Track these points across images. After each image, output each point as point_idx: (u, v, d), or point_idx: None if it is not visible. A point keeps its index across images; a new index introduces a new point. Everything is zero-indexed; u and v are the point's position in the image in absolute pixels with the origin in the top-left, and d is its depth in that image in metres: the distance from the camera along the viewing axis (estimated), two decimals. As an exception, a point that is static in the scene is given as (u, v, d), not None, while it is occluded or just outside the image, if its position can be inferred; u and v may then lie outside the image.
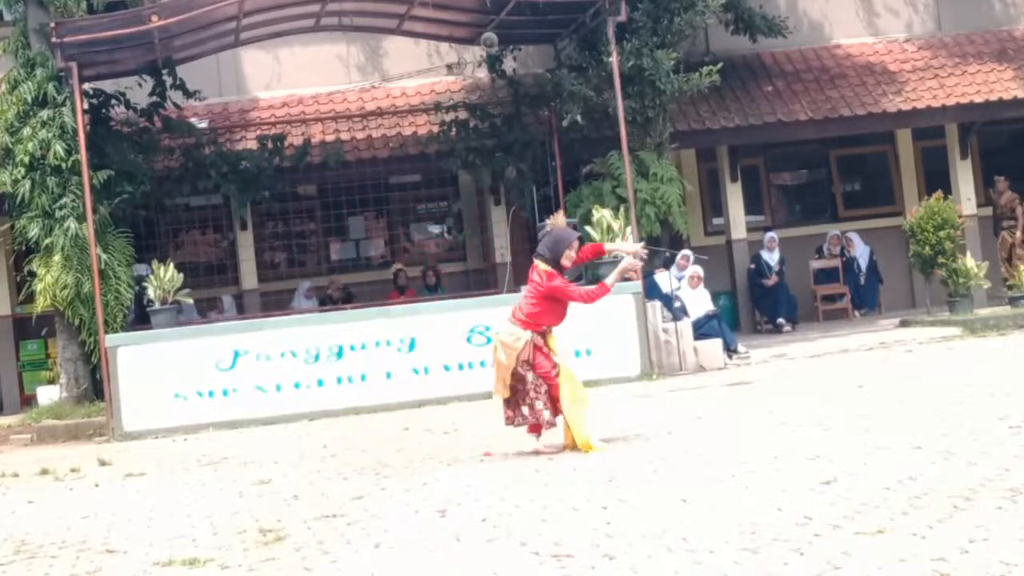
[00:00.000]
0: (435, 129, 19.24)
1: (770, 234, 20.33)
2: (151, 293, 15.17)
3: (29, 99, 16.24)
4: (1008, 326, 16.71)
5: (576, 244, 9.91)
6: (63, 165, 15.97)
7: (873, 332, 17.52)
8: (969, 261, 18.19)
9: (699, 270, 17.58)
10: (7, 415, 17.62)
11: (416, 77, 20.66)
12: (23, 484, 11.25)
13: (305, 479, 9.82)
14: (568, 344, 15.18)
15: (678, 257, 17.59)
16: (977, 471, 7.36)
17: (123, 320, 16.13)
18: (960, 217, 18.78)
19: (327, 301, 19.19)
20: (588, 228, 15.96)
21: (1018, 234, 19.00)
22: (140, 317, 16.45)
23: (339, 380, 15.02)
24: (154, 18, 15.02)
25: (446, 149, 19.03)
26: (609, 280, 9.88)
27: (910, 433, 9.00)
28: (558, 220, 10.48)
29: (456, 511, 7.72)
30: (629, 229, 15.90)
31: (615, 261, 15.75)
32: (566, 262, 9.88)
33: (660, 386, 14.44)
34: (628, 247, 11.18)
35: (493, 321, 15.19)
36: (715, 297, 18.95)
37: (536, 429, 9.93)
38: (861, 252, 20.80)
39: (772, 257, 20.07)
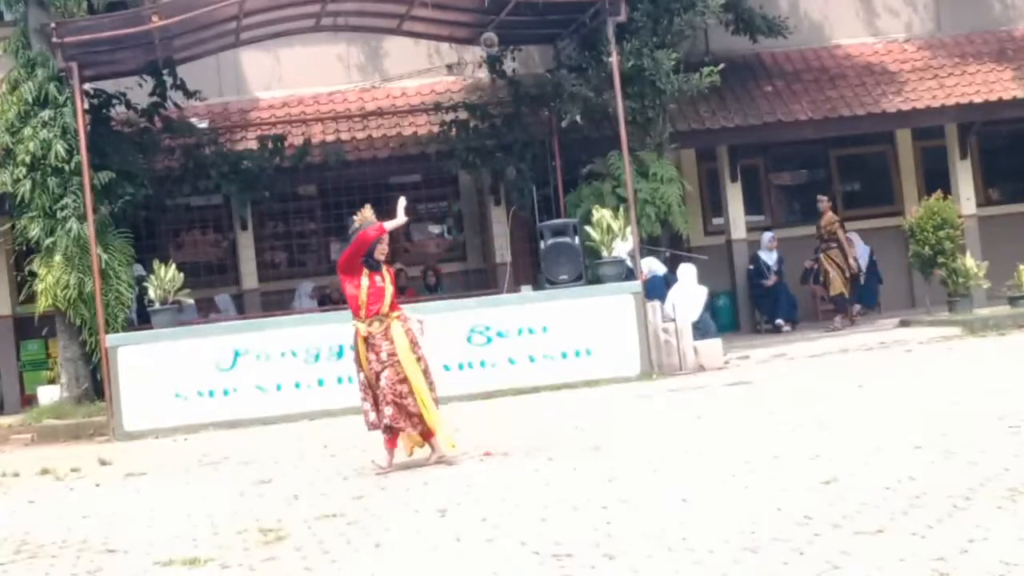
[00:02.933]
0: (435, 129, 19.24)
1: (768, 234, 20.32)
2: (151, 293, 15.18)
3: (30, 99, 16.25)
4: (1008, 326, 16.72)
5: (385, 237, 9.90)
6: (64, 166, 15.98)
7: (873, 332, 17.52)
8: (969, 261, 18.20)
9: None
10: (8, 415, 17.62)
11: (416, 77, 20.66)
12: (24, 484, 11.26)
13: (305, 479, 9.83)
14: (568, 344, 15.36)
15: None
16: (977, 471, 7.37)
17: (124, 320, 16.13)
18: (960, 217, 18.79)
19: (327, 301, 19.19)
20: (588, 228, 15.97)
21: (850, 260, 18.92)
22: (140, 317, 16.46)
23: (339, 380, 14.97)
24: (154, 18, 15.03)
25: (446, 149, 19.03)
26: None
27: (910, 433, 9.01)
28: (365, 214, 10.13)
29: (456, 511, 7.73)
30: (629, 229, 15.91)
31: (615, 261, 15.86)
32: (380, 256, 9.86)
33: (660, 386, 14.44)
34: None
35: (493, 321, 15.27)
36: (715, 297, 18.99)
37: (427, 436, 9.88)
38: (861, 252, 20.78)
39: (771, 257, 20.06)
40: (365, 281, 9.82)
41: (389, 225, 10.03)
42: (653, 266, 17.06)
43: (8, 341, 19.16)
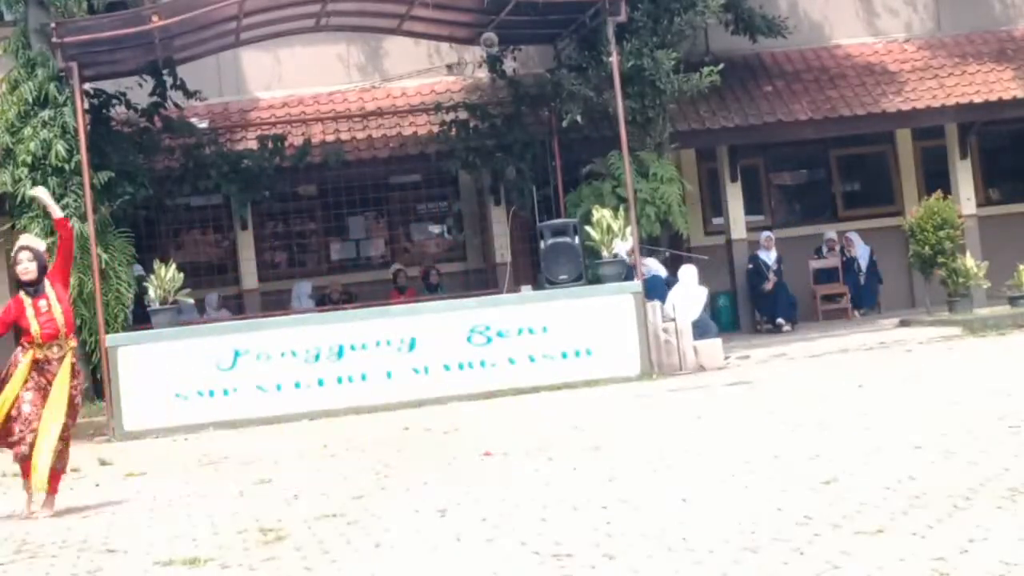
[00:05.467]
0: (435, 129, 19.23)
1: (766, 233, 20.32)
2: (151, 293, 15.18)
3: (30, 99, 16.25)
4: (1008, 326, 16.72)
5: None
6: (64, 165, 15.98)
7: (873, 332, 17.52)
8: (969, 261, 18.20)
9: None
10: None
11: (416, 77, 20.66)
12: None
13: (305, 479, 9.83)
14: (568, 344, 15.36)
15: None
16: (977, 471, 7.36)
17: (123, 320, 16.13)
18: (960, 217, 18.80)
19: (326, 301, 19.19)
20: (588, 228, 15.97)
21: None
22: (140, 317, 16.45)
23: (339, 380, 15.01)
24: (154, 18, 15.03)
25: (446, 149, 19.03)
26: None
27: (910, 433, 9.01)
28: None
29: (456, 511, 7.72)
30: (629, 229, 15.91)
31: (615, 261, 15.85)
32: (23, 276, 9.25)
33: (660, 386, 14.43)
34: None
35: (493, 321, 15.27)
36: (715, 297, 18.98)
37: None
38: (861, 252, 20.79)
39: (769, 256, 20.06)
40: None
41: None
42: (653, 267, 17.08)
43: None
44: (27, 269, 9.22)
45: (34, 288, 9.22)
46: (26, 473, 9.19)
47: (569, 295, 15.56)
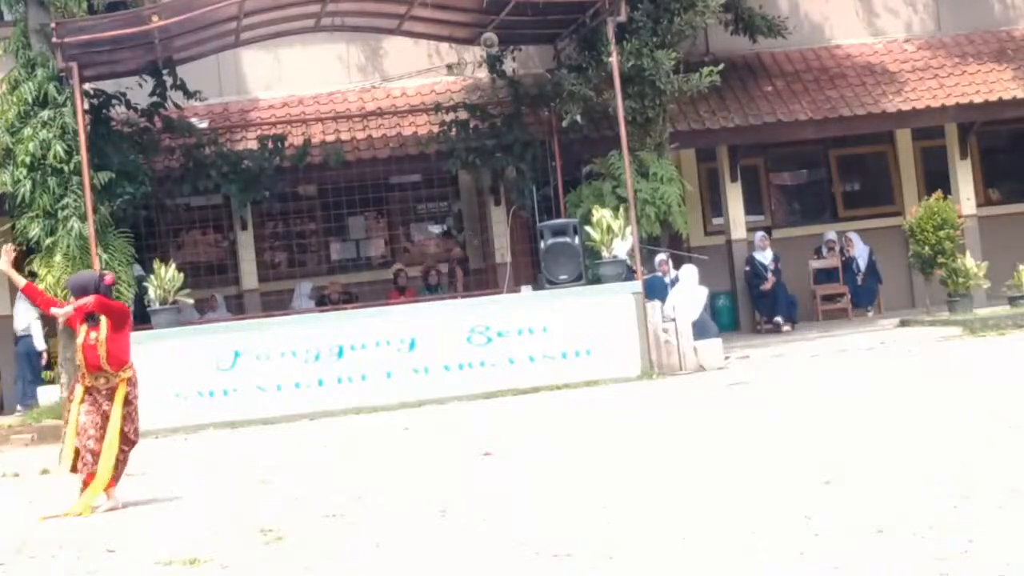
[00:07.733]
0: (435, 129, 19.22)
1: (760, 233, 20.29)
2: (151, 293, 15.18)
3: (30, 99, 16.24)
4: (1008, 326, 16.72)
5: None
6: (64, 166, 15.98)
7: (873, 332, 17.52)
8: (969, 261, 18.20)
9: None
10: (7, 415, 17.62)
11: (416, 77, 20.65)
12: (23, 484, 11.26)
13: (305, 479, 9.83)
14: (568, 344, 15.37)
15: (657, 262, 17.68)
16: (977, 471, 7.37)
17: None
18: (960, 217, 18.79)
19: (325, 301, 19.18)
20: (588, 228, 15.98)
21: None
22: (140, 317, 16.46)
23: (339, 380, 15.01)
24: (154, 18, 15.03)
25: (446, 149, 19.01)
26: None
27: (910, 433, 9.01)
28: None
29: (456, 511, 7.73)
30: (629, 229, 15.92)
31: (615, 261, 15.86)
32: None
33: (660, 386, 14.44)
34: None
35: (493, 321, 15.27)
36: (715, 297, 18.98)
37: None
38: (860, 252, 20.77)
39: (765, 256, 20.04)
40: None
41: None
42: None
43: (8, 341, 19.14)
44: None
45: (92, 317, 9.50)
46: (86, 484, 9.28)
47: (569, 295, 15.56)
